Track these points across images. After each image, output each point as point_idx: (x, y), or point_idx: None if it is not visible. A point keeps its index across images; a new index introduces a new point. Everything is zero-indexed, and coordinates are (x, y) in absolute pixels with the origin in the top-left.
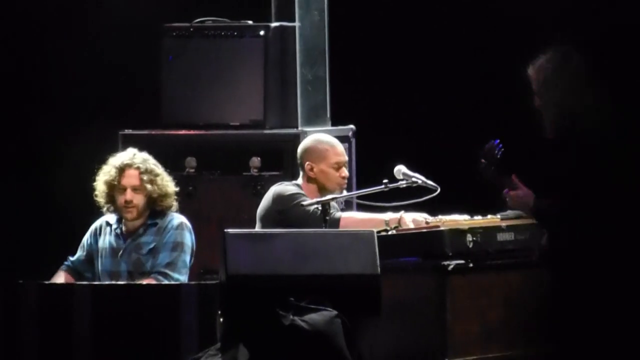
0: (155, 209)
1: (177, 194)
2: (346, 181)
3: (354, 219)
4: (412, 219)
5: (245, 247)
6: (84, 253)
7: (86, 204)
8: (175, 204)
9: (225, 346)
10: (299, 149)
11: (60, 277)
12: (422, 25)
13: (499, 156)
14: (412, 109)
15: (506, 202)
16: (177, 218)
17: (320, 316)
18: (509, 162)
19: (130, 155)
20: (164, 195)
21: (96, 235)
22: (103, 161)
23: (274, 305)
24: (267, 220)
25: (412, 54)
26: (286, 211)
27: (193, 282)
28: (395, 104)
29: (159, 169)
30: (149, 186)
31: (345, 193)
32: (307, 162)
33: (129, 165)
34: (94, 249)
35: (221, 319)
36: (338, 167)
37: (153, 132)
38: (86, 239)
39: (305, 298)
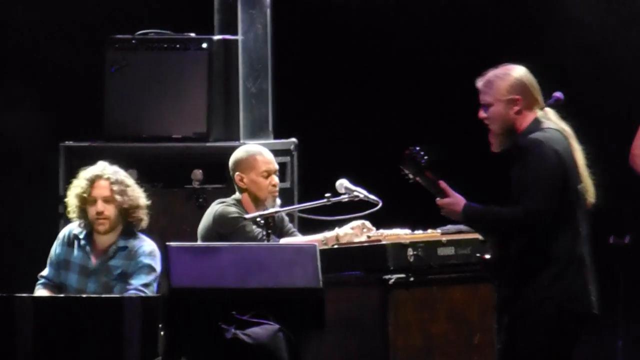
0: (127, 227)
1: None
2: (277, 189)
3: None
4: (350, 228)
5: (188, 260)
6: (53, 266)
7: (31, 214)
8: (146, 218)
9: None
10: (230, 162)
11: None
12: (364, 38)
13: (422, 163)
14: (355, 122)
15: (441, 212)
16: (149, 244)
17: (263, 330)
18: (446, 169)
19: (101, 167)
20: (136, 207)
21: (64, 245)
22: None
23: (216, 318)
24: (208, 240)
25: (355, 67)
26: (228, 235)
27: (135, 295)
28: (338, 117)
29: (129, 180)
30: (119, 197)
31: (285, 207)
32: (237, 173)
33: (99, 177)
34: (61, 259)
35: (163, 332)
36: (268, 174)
37: (95, 144)
38: (54, 250)
39: (248, 312)
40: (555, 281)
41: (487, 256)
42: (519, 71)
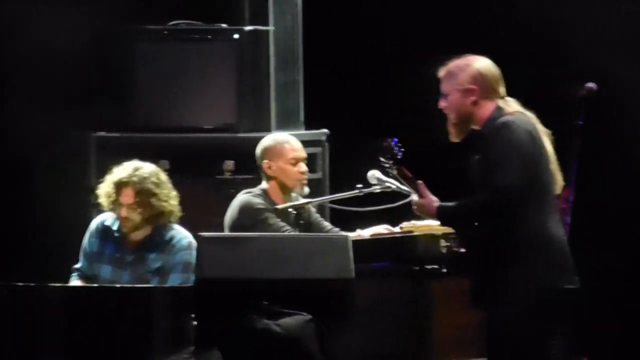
0: (159, 222)
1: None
2: (305, 177)
3: None
4: (372, 233)
5: (220, 250)
6: (87, 257)
7: (62, 206)
8: (174, 218)
9: (199, 350)
10: (257, 150)
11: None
12: (396, 28)
13: (398, 156)
14: (387, 112)
15: (413, 210)
16: (185, 236)
17: (293, 320)
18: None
19: (130, 171)
20: (160, 214)
21: (96, 237)
22: (105, 168)
23: (247, 309)
24: (234, 230)
25: (387, 57)
26: (250, 227)
27: (166, 285)
28: (370, 107)
29: (158, 187)
30: (142, 207)
31: (316, 198)
32: (265, 161)
33: (126, 184)
34: (94, 251)
35: (195, 323)
36: (295, 162)
37: (126, 135)
38: (86, 241)
39: (279, 302)
40: (535, 259)
41: (462, 250)
42: (479, 62)
